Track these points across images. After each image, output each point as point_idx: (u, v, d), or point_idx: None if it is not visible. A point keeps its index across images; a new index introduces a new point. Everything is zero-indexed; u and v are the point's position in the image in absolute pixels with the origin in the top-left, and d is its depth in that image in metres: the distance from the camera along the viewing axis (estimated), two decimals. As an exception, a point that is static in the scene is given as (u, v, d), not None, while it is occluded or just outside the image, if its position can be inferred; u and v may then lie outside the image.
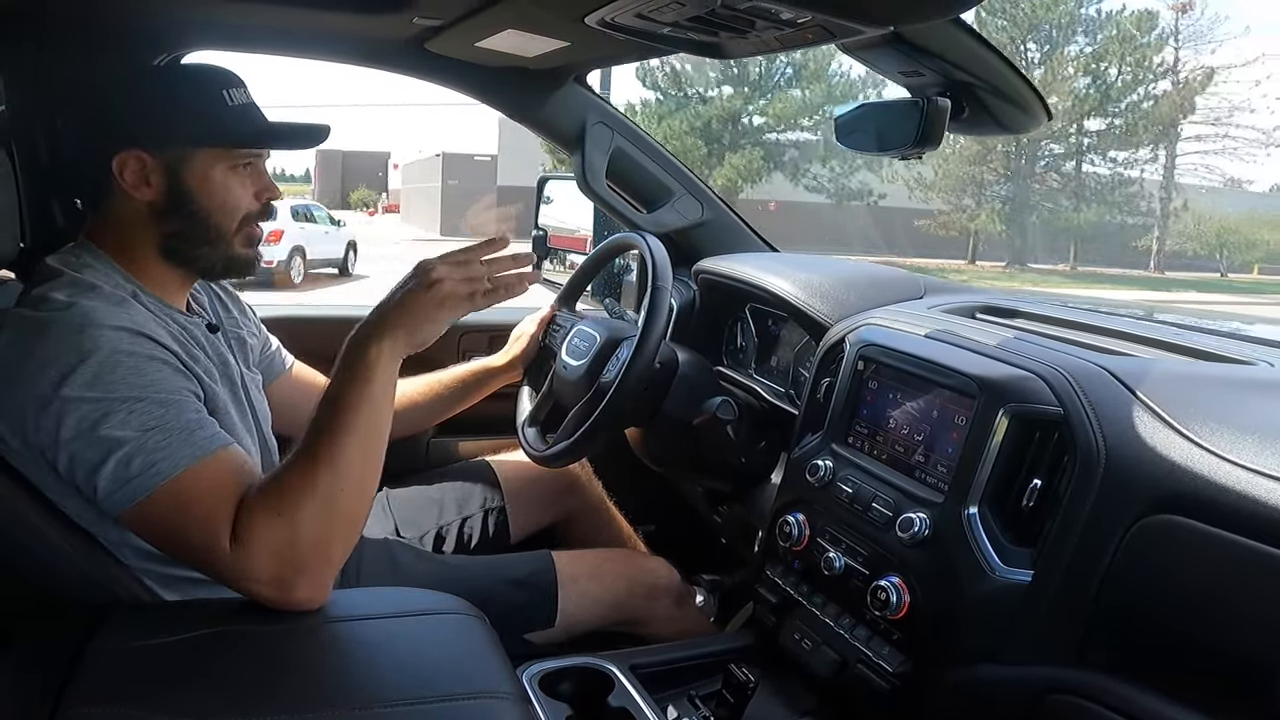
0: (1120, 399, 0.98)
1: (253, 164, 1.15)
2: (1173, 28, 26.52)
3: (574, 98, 1.77)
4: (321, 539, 0.95)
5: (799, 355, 1.60)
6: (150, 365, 0.98)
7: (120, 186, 1.08)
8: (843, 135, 1.38)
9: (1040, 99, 1.24)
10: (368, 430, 1.01)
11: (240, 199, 1.14)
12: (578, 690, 1.19)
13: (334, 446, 0.98)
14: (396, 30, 1.50)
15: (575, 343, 1.56)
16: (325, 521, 0.95)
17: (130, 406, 0.94)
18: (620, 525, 1.76)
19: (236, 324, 1.33)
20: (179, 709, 0.79)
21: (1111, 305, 1.57)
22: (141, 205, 1.10)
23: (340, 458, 0.97)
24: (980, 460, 1.04)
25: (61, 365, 0.94)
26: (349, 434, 0.99)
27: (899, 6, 1.03)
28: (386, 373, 1.03)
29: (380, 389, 1.02)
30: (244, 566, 0.93)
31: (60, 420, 0.93)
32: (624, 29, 1.16)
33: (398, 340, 1.04)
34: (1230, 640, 0.83)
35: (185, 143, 1.09)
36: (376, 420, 1.02)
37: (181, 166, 1.09)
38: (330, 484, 0.96)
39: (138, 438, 0.93)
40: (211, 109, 1.10)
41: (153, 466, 0.93)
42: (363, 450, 1.00)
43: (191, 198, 1.10)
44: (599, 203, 1.84)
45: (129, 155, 1.08)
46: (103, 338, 0.96)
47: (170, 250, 1.12)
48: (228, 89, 1.12)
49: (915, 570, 1.07)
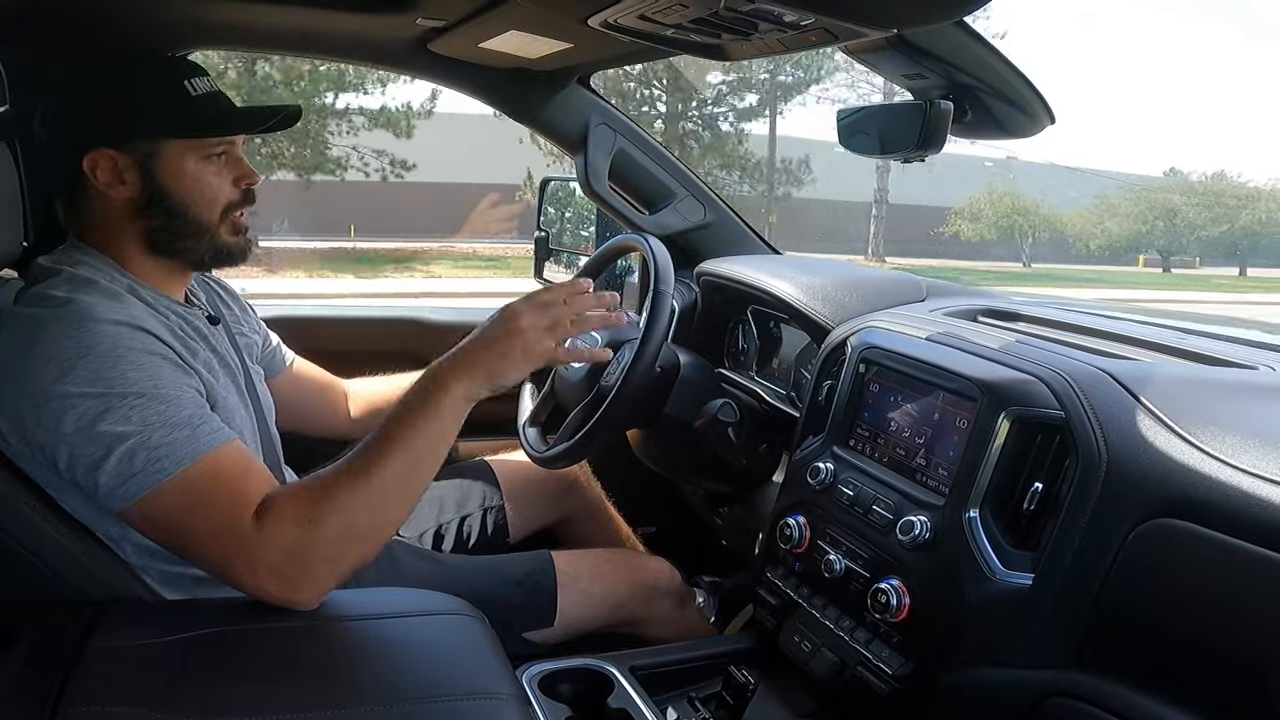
0: (1122, 403, 0.98)
1: (227, 151, 1.13)
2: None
3: (577, 99, 1.77)
4: (337, 553, 0.95)
5: (801, 358, 1.60)
6: (150, 360, 0.98)
7: (95, 186, 1.08)
8: (845, 138, 1.38)
9: (1044, 102, 1.24)
10: (416, 463, 1.00)
11: (218, 189, 1.12)
12: (577, 691, 1.19)
13: (378, 471, 0.97)
14: (400, 31, 1.50)
15: (576, 343, 1.55)
16: (346, 537, 0.95)
17: (131, 402, 0.94)
18: (620, 526, 1.76)
19: (237, 319, 1.34)
20: (178, 708, 0.79)
21: (1115, 309, 1.56)
22: (120, 203, 1.09)
23: (379, 483, 0.97)
24: (981, 463, 1.04)
25: (61, 361, 0.93)
26: (396, 462, 0.98)
27: (903, 9, 1.02)
28: (454, 414, 1.03)
29: (441, 428, 1.02)
30: (256, 562, 0.93)
31: (61, 416, 0.93)
32: (627, 31, 1.16)
33: (476, 381, 1.04)
34: (1230, 645, 0.83)
35: (150, 136, 1.08)
36: (429, 456, 1.02)
37: (152, 162, 1.08)
38: (363, 505, 0.96)
39: (140, 433, 0.93)
40: (174, 100, 1.09)
41: (156, 463, 0.93)
42: (405, 481, 1.00)
43: (167, 192, 1.09)
44: (601, 204, 1.84)
45: (98, 154, 1.07)
46: (102, 333, 0.96)
47: (155, 244, 1.11)
48: (189, 79, 1.11)
49: (916, 573, 1.07)
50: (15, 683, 0.83)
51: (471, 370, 1.04)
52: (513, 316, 1.08)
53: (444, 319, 2.08)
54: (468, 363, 1.05)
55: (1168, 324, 1.37)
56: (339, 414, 1.56)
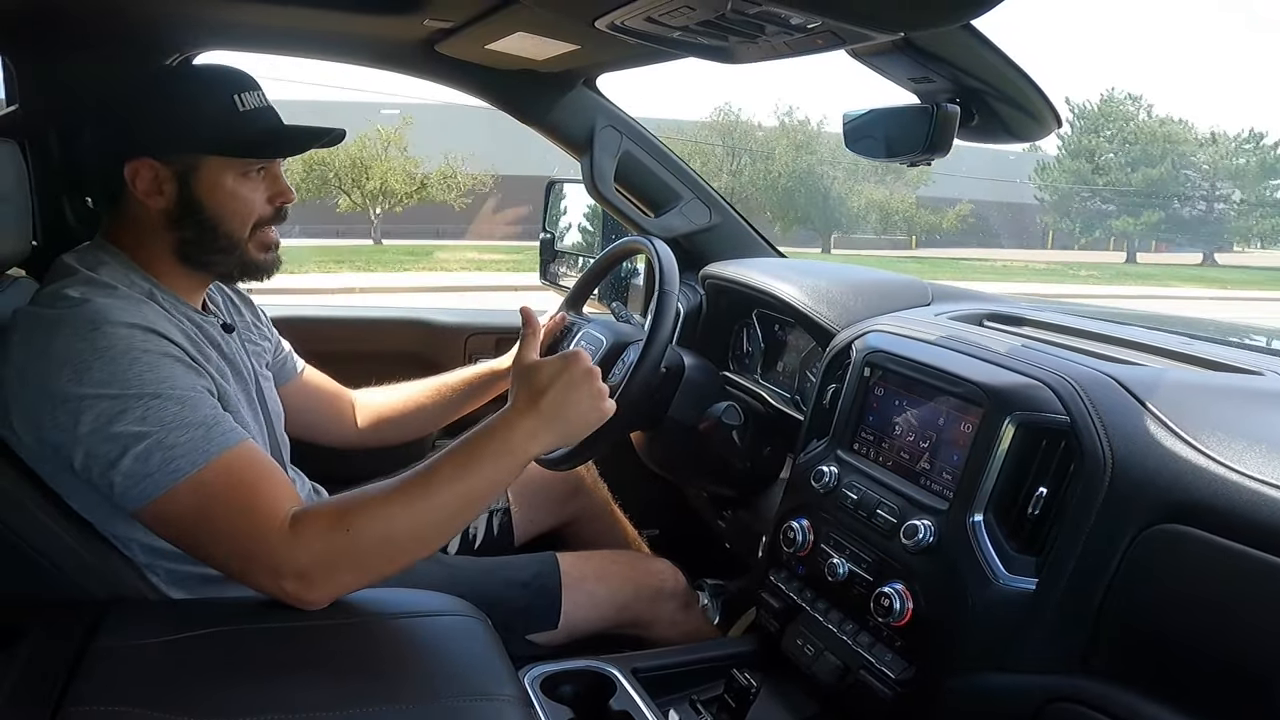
0: (1128, 408, 0.98)
1: (267, 168, 1.14)
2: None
3: (583, 101, 1.77)
4: (366, 564, 0.97)
5: (805, 361, 1.60)
6: (164, 362, 0.98)
7: (133, 194, 1.09)
8: (852, 141, 1.38)
9: (1050, 106, 1.24)
10: (467, 503, 1.01)
11: (252, 206, 1.13)
12: (579, 693, 1.18)
13: (427, 495, 0.98)
14: (407, 32, 1.51)
15: (582, 345, 1.56)
16: (379, 551, 0.97)
17: (147, 403, 0.94)
18: (625, 529, 1.76)
19: (249, 326, 1.34)
20: (182, 707, 0.79)
21: (1121, 314, 1.56)
22: (155, 213, 1.10)
23: (425, 506, 0.98)
24: (986, 468, 1.04)
25: (77, 362, 0.94)
26: (447, 494, 0.99)
27: (911, 12, 1.02)
28: (517, 465, 1.04)
29: (502, 475, 1.03)
30: (281, 563, 0.94)
31: (77, 417, 0.93)
32: (634, 33, 1.16)
33: (551, 436, 1.05)
34: (1234, 650, 0.83)
35: (194, 151, 1.09)
36: (479, 497, 1.02)
37: (191, 175, 1.09)
38: (405, 525, 0.97)
39: (156, 433, 0.94)
40: (221, 116, 1.09)
41: (171, 463, 0.93)
42: (450, 513, 1.01)
43: (202, 206, 1.10)
44: (607, 207, 1.84)
45: (140, 164, 1.08)
46: (117, 335, 0.96)
47: (185, 255, 1.12)
48: (239, 93, 1.11)
49: (919, 577, 1.07)
50: (19, 681, 0.83)
51: (549, 428, 1.05)
52: (582, 364, 1.07)
53: (447, 320, 2.08)
54: (546, 421, 1.05)
55: (1173, 329, 1.37)
56: (345, 423, 1.57)
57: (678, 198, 1.85)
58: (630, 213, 1.84)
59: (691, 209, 1.86)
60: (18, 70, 1.36)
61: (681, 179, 1.85)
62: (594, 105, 1.78)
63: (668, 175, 1.84)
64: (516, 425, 1.04)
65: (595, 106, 1.78)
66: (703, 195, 1.87)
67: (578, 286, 1.72)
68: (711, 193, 1.88)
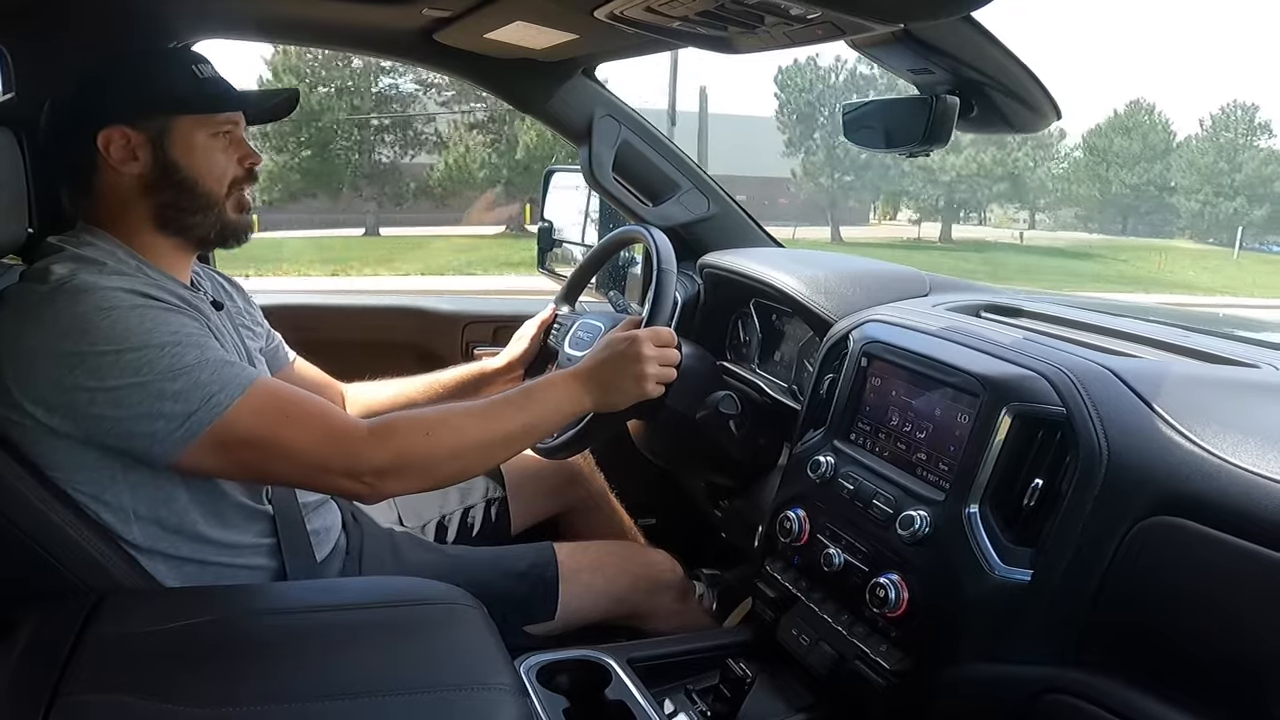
0: (1124, 400, 0.98)
1: (231, 131, 1.18)
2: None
3: (582, 90, 1.77)
4: (433, 470, 1.12)
5: (803, 351, 1.60)
6: (170, 313, 1.02)
7: (108, 163, 1.11)
8: (850, 131, 1.37)
9: (1050, 98, 1.23)
10: (526, 431, 1.20)
11: (226, 164, 1.17)
12: (575, 683, 1.19)
13: (498, 423, 1.16)
14: (406, 21, 1.50)
15: (579, 335, 1.56)
16: (448, 460, 1.12)
17: (170, 350, 0.98)
18: (621, 518, 1.76)
19: (240, 311, 1.35)
20: (177, 696, 0.80)
21: (1117, 307, 1.56)
22: (132, 179, 1.12)
23: (494, 432, 1.15)
24: (982, 459, 1.04)
25: (85, 324, 0.96)
26: (511, 424, 1.17)
27: (911, 4, 1.02)
28: (560, 415, 1.24)
29: (546, 415, 1.22)
30: (360, 462, 1.05)
31: (101, 374, 0.96)
32: (633, 23, 1.16)
33: (589, 395, 1.24)
34: (1228, 643, 0.83)
35: (164, 112, 1.12)
36: (534, 429, 1.21)
37: (164, 137, 1.12)
38: (473, 440, 1.13)
39: (189, 371, 0.98)
40: (185, 82, 1.14)
41: (211, 397, 0.99)
42: (510, 436, 1.18)
43: (178, 166, 1.13)
44: (605, 196, 1.84)
45: (112, 131, 1.11)
46: (117, 296, 1.00)
47: (165, 220, 1.15)
48: (196, 64, 1.16)
49: (915, 568, 1.07)
50: (15, 670, 0.83)
51: (589, 386, 1.24)
52: (639, 351, 1.24)
53: (444, 308, 2.08)
54: (591, 381, 1.24)
55: (1170, 322, 1.37)
56: None
57: (676, 187, 1.85)
58: (629, 202, 1.84)
59: (690, 199, 1.86)
60: (15, 57, 1.35)
61: (680, 169, 1.85)
62: (593, 95, 1.78)
63: (666, 165, 1.84)
64: (577, 375, 1.24)
65: (594, 96, 1.78)
66: (701, 185, 1.87)
67: (572, 280, 1.71)
68: (710, 183, 1.88)
